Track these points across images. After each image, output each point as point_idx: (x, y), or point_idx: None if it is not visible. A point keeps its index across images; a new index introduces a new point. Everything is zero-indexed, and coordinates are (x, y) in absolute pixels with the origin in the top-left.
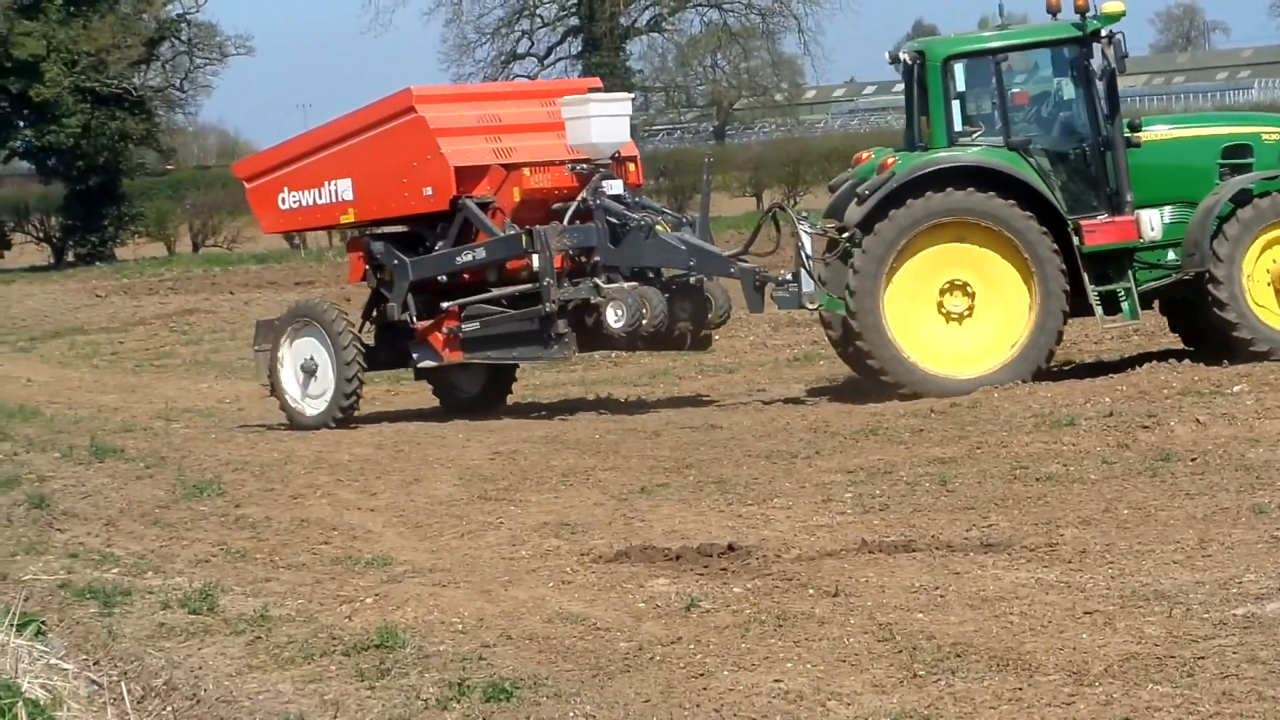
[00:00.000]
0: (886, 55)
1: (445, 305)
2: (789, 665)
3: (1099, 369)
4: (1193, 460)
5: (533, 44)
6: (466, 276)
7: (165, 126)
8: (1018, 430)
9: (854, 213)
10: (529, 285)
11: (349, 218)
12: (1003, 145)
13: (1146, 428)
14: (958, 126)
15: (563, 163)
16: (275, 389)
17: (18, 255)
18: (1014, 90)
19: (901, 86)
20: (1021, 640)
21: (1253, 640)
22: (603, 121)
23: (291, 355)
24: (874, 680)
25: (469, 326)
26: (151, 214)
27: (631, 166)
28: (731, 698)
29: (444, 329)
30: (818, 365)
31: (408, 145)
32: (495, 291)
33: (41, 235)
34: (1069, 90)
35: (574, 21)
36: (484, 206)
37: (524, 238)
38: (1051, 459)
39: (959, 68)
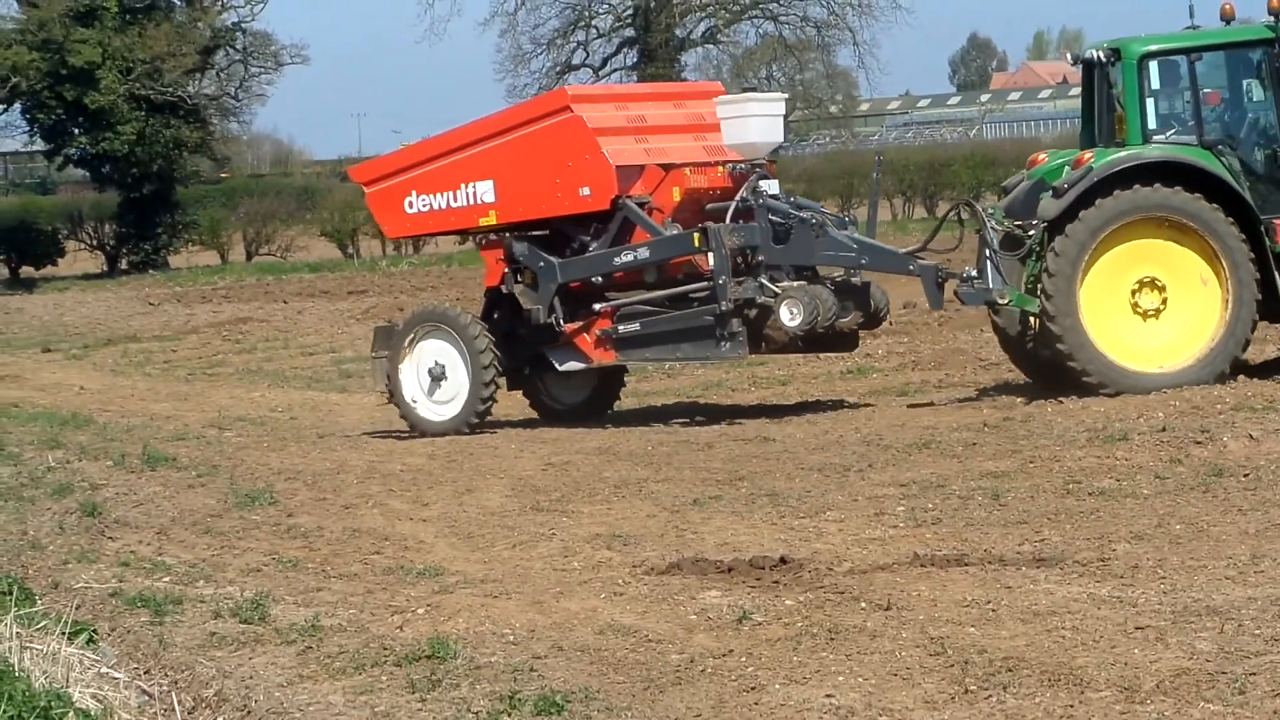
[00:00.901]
0: (1069, 56)
1: (598, 306)
2: (840, 679)
3: None
4: (1245, 476)
5: (588, 55)
6: (618, 277)
7: (219, 134)
8: (1070, 445)
9: (1050, 206)
10: (697, 285)
11: (490, 220)
12: (1195, 144)
13: (1199, 443)
14: (1152, 124)
15: (720, 163)
16: (395, 395)
17: (71, 263)
18: (1206, 90)
19: (1078, 89)
20: (1073, 655)
21: None
22: (761, 121)
23: (415, 361)
24: (925, 695)
25: (627, 327)
26: (205, 222)
27: (774, 167)
28: (783, 712)
29: (596, 330)
30: (870, 378)
31: (562, 145)
32: (662, 291)
33: (95, 243)
34: (1260, 91)
35: (629, 33)
36: (641, 206)
37: (697, 236)
38: (1104, 474)
39: (1154, 66)
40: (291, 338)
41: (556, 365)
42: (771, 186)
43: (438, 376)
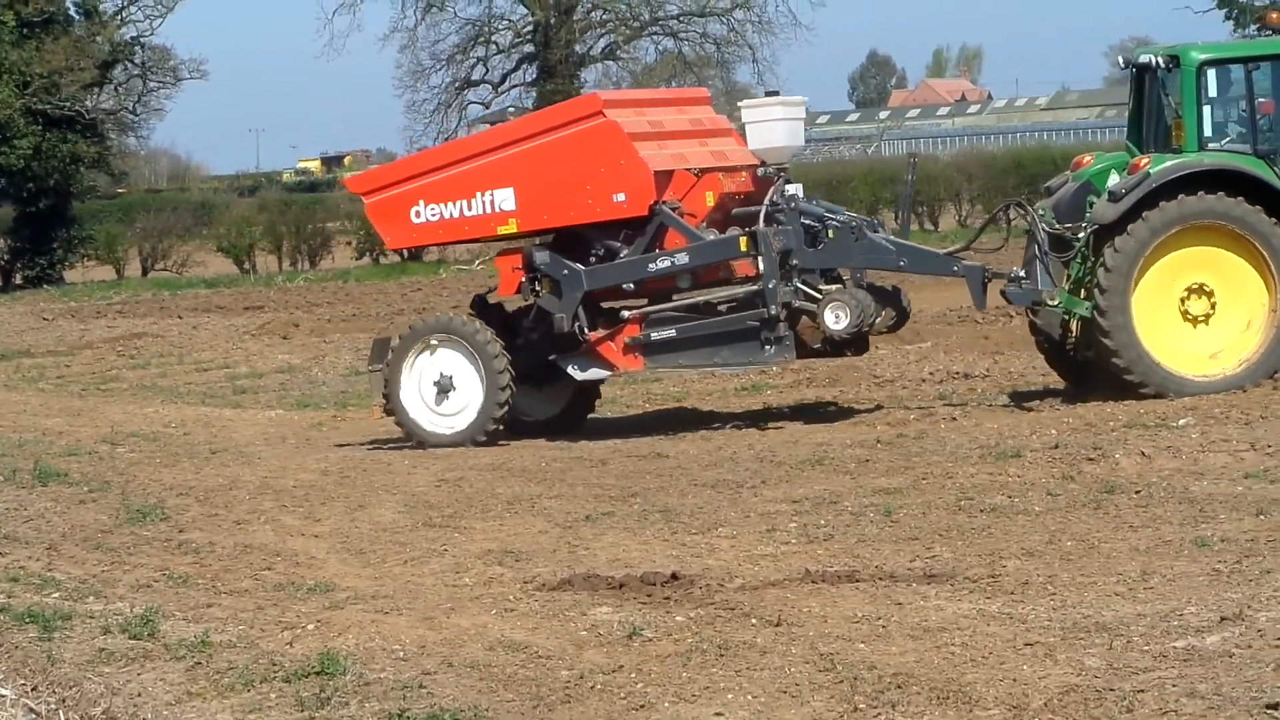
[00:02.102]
0: (1120, 60)
1: (626, 313)
2: (730, 696)
3: (1045, 401)
4: (1137, 493)
5: (488, 70)
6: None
7: (117, 149)
8: (963, 461)
9: (1106, 210)
10: (739, 289)
11: (509, 228)
12: (1250, 152)
13: (1091, 460)
14: (1208, 132)
15: (749, 167)
16: (394, 408)
17: None
18: (1262, 99)
19: (1122, 94)
20: (963, 671)
21: (1192, 673)
22: (787, 125)
23: (417, 373)
24: (814, 712)
25: (660, 333)
26: (101, 237)
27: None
28: None
29: (624, 338)
30: (765, 394)
31: (595, 151)
32: (701, 296)
33: None
34: None
35: (529, 49)
36: (673, 212)
37: (743, 240)
38: (996, 490)
39: (1211, 74)
40: (186, 353)
41: (575, 375)
42: (797, 190)
43: (445, 389)
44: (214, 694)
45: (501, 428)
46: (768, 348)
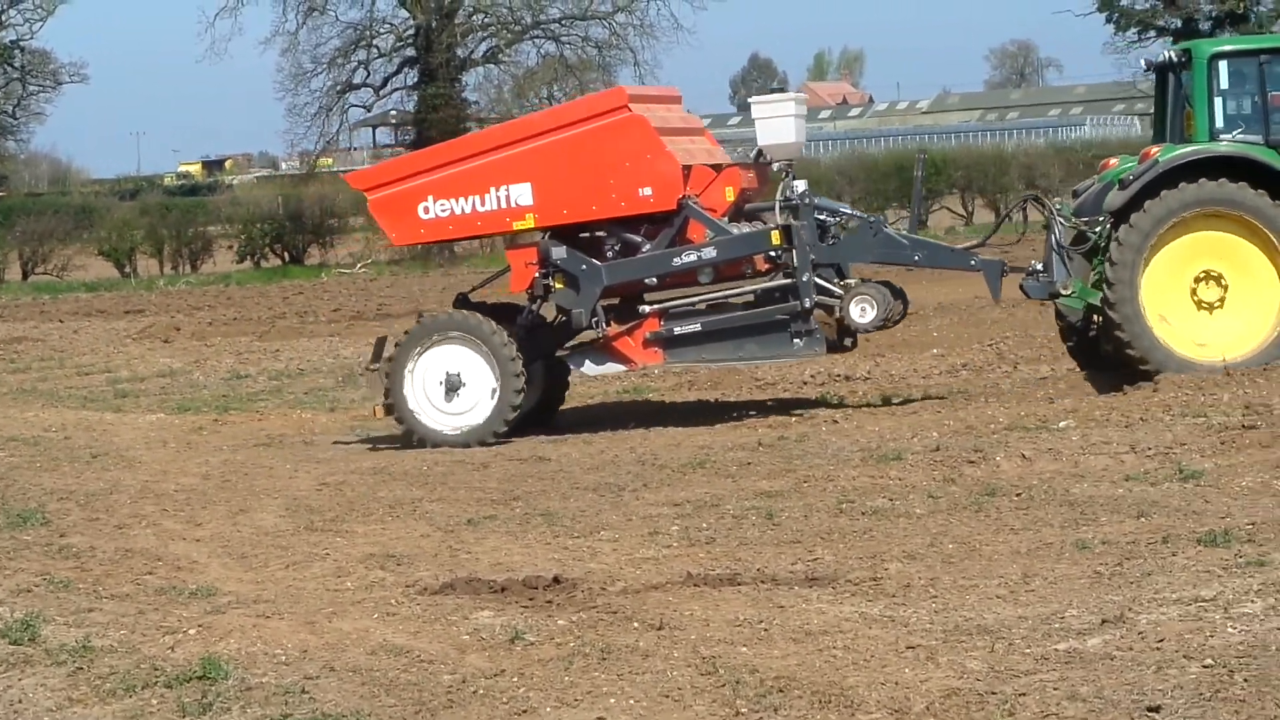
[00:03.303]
0: (1143, 63)
1: (646, 308)
2: (612, 700)
3: (927, 404)
4: (1018, 495)
5: (369, 74)
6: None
7: None
8: (844, 464)
9: (1116, 198)
10: (771, 282)
11: (525, 224)
12: (1262, 143)
13: (972, 463)
14: (1219, 123)
15: (767, 162)
16: (396, 407)
17: None
18: (1274, 91)
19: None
20: (844, 675)
21: (1074, 676)
22: (797, 121)
23: (423, 371)
24: (696, 716)
25: (684, 327)
26: None
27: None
28: None
29: (644, 332)
30: (646, 397)
31: (621, 145)
32: (729, 290)
33: None
34: None
35: (410, 53)
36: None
37: (776, 234)
38: (877, 493)
39: (1223, 66)
40: (67, 357)
41: (588, 371)
42: (802, 185)
43: (454, 387)
44: (95, 699)
45: (510, 426)
46: (797, 341)
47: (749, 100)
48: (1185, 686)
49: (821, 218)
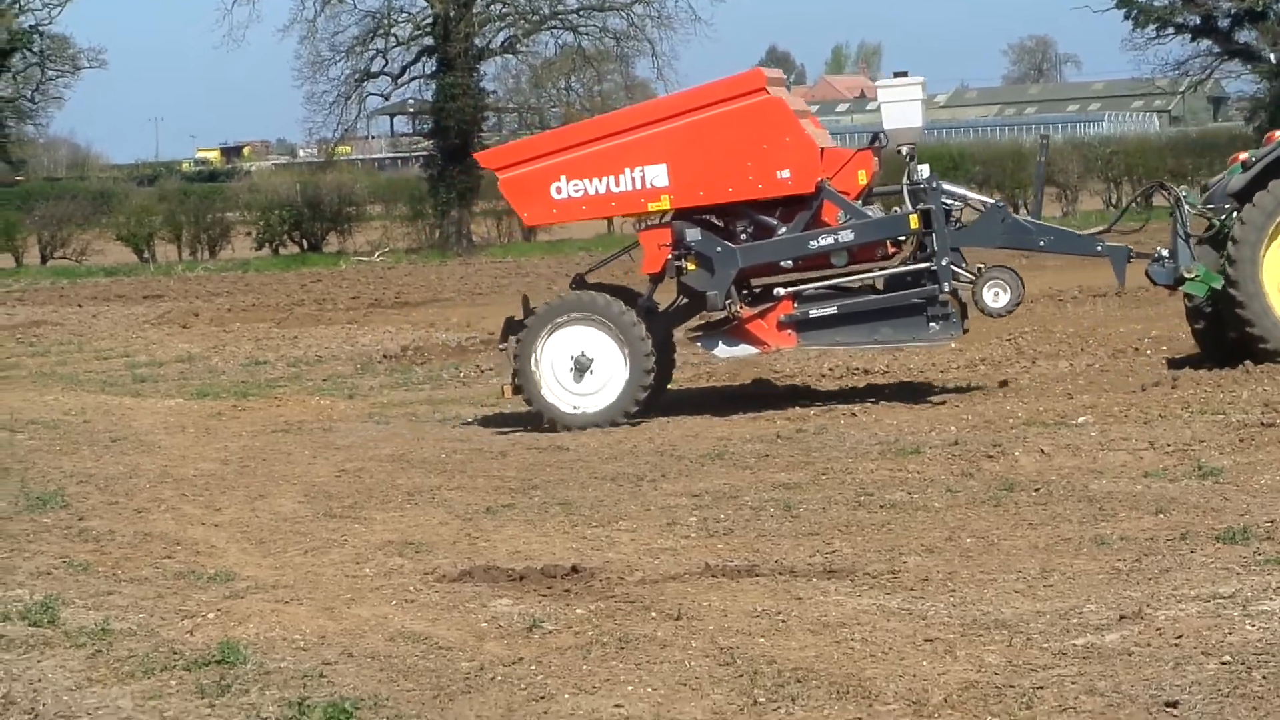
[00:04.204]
0: (1272, 58)
1: (780, 291)
2: (630, 689)
3: (945, 398)
4: (1036, 490)
5: (387, 63)
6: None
7: (15, 138)
8: (863, 457)
9: (1238, 180)
10: (909, 266)
11: (661, 205)
12: None
13: (991, 457)
14: None
15: (882, 146)
16: (526, 387)
17: None
18: None
19: None
20: (862, 667)
21: (1091, 671)
22: (922, 105)
23: (553, 352)
24: (714, 706)
25: (820, 310)
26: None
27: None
28: None
29: (779, 314)
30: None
31: (758, 127)
32: (867, 274)
33: None
34: None
35: (428, 41)
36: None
37: (914, 218)
38: (896, 486)
39: None
40: (86, 341)
41: (720, 354)
42: (925, 169)
43: (584, 368)
44: (114, 681)
45: (640, 407)
46: (933, 325)
47: (875, 84)
48: (1203, 683)
49: (947, 203)
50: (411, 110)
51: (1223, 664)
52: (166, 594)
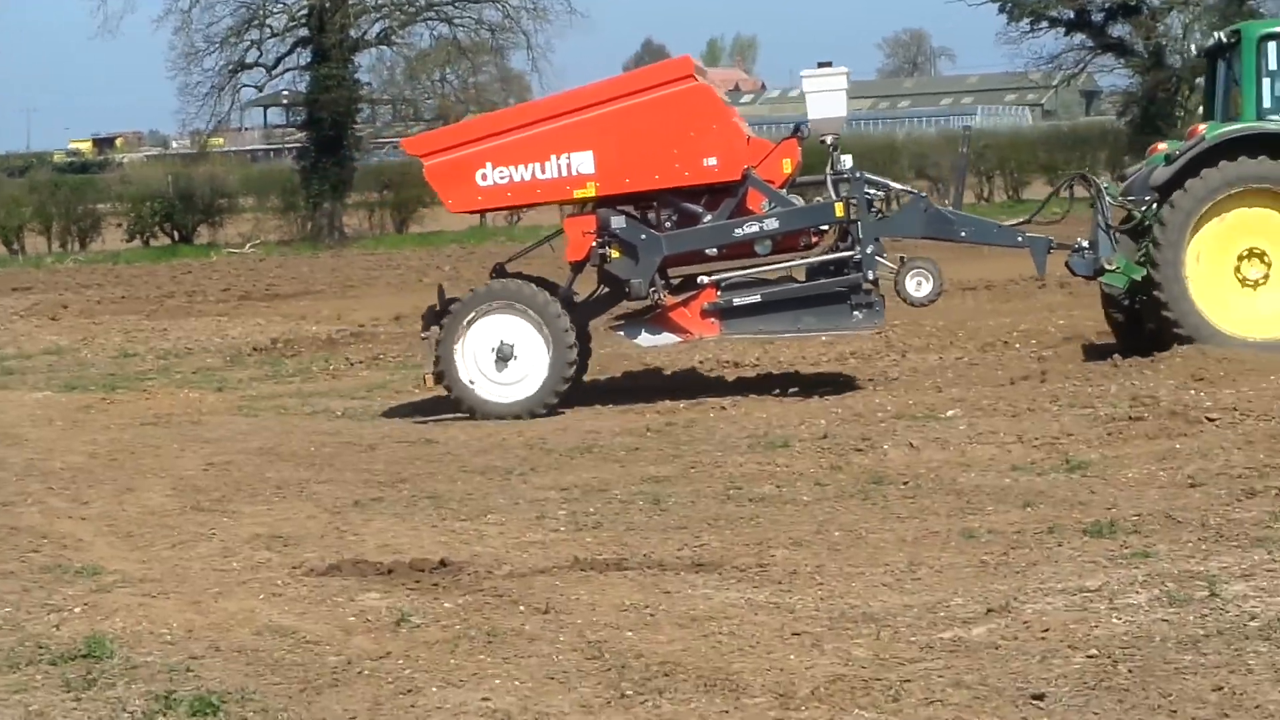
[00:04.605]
0: (1193, 48)
1: (703, 279)
2: (497, 682)
3: (815, 391)
4: (905, 484)
5: (261, 54)
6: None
7: None
8: (732, 450)
9: (1161, 174)
10: (832, 255)
11: (587, 192)
12: None
13: (860, 450)
14: (1267, 103)
15: (805, 137)
16: (447, 376)
17: None
18: None
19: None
20: (730, 661)
21: (959, 664)
22: (845, 95)
23: (474, 341)
24: (582, 699)
25: (744, 298)
26: None
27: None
28: (439, 715)
29: (702, 303)
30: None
31: (686, 115)
32: (796, 261)
33: None
34: None
35: (303, 33)
36: None
37: (839, 207)
38: (765, 480)
39: (1272, 47)
40: None
41: (642, 342)
42: (848, 159)
43: (505, 356)
44: None
45: (560, 398)
46: (857, 313)
47: (800, 74)
48: (1069, 676)
49: (870, 192)
50: (285, 102)
51: (1089, 657)
52: (33, 588)
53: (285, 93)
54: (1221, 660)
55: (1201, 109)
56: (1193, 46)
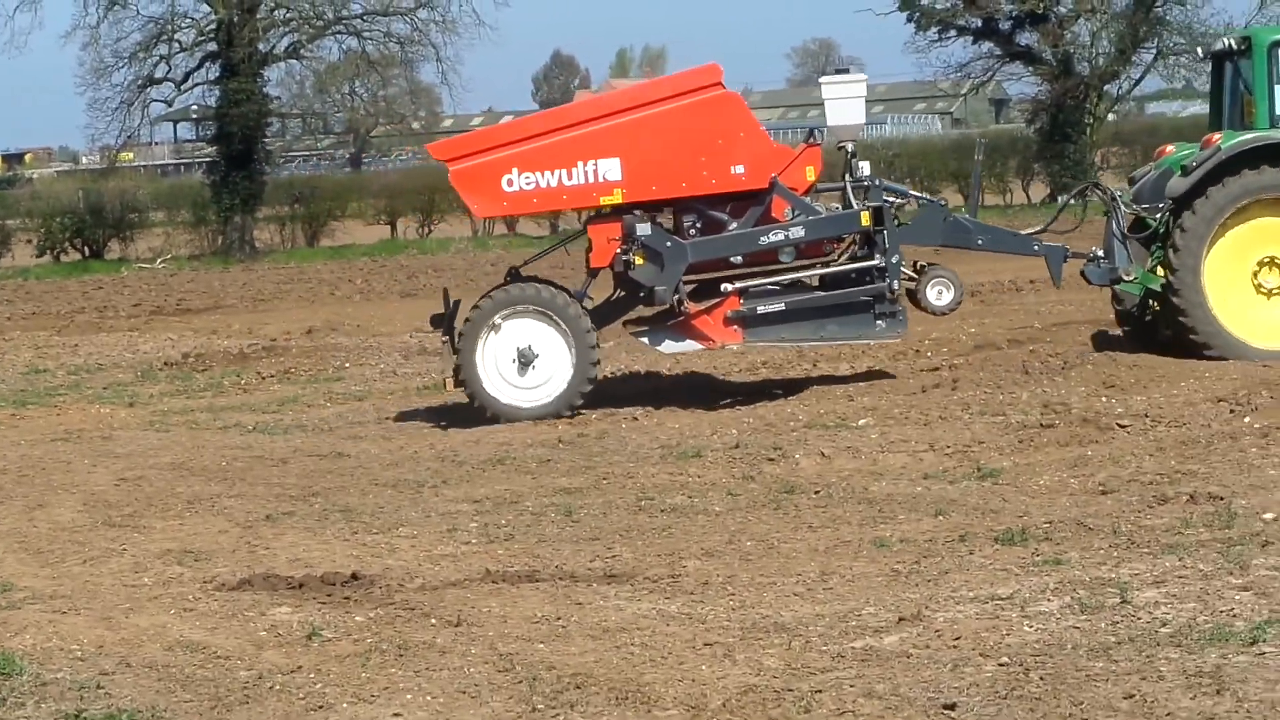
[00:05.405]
0: (1199, 50)
1: (728, 287)
2: (409, 697)
3: (727, 401)
4: (816, 493)
5: (170, 69)
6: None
7: None
8: (644, 461)
9: (1178, 184)
10: (857, 264)
11: (613, 199)
12: None
13: (772, 460)
14: (1279, 110)
15: (826, 142)
16: (468, 381)
17: None
18: None
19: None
20: (642, 672)
21: (870, 673)
22: (864, 102)
23: (495, 346)
24: (493, 713)
25: (767, 306)
26: None
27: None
28: None
29: (725, 311)
30: (445, 393)
31: (714, 122)
32: (817, 270)
33: None
34: None
35: (212, 47)
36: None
37: (866, 215)
38: (677, 490)
39: None
40: None
41: (665, 349)
42: (865, 166)
43: (527, 361)
44: None
45: (585, 400)
46: (880, 322)
47: (819, 80)
48: (981, 684)
49: (888, 199)
50: (195, 116)
51: (1000, 665)
52: None
53: (195, 107)
54: (1133, 667)
55: (1208, 114)
56: (1199, 50)
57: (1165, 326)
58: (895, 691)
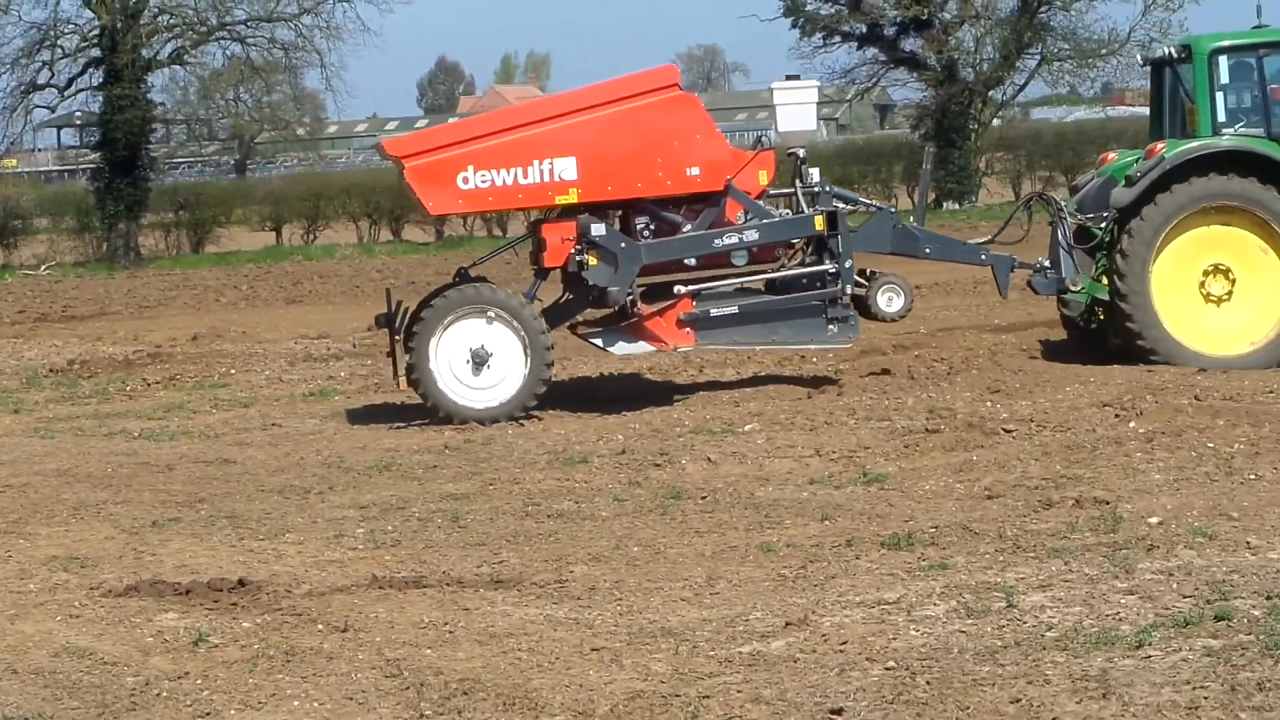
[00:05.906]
0: (1139, 57)
1: (680, 290)
2: (296, 703)
3: (612, 407)
4: (703, 498)
5: (53, 75)
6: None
7: None
8: (531, 467)
9: (1123, 194)
10: (809, 268)
11: (569, 199)
12: (1264, 136)
13: (658, 465)
14: (1221, 117)
15: (777, 148)
16: (422, 381)
17: None
18: (1275, 85)
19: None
20: (529, 677)
21: (757, 678)
22: (816, 108)
23: (448, 346)
24: (380, 719)
25: (721, 309)
26: None
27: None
28: None
29: (678, 313)
30: (333, 400)
31: (671, 123)
32: (771, 273)
33: None
34: None
35: (95, 53)
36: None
37: (819, 220)
38: (564, 496)
39: (1223, 61)
40: None
41: (618, 350)
42: (815, 172)
43: (481, 361)
44: None
45: (538, 402)
46: (832, 327)
47: (771, 86)
48: (868, 689)
49: (837, 205)
50: (79, 122)
51: (887, 669)
52: None
53: (79, 113)
54: (1019, 671)
55: (1149, 122)
56: (1139, 56)
57: (1113, 335)
58: (782, 696)
